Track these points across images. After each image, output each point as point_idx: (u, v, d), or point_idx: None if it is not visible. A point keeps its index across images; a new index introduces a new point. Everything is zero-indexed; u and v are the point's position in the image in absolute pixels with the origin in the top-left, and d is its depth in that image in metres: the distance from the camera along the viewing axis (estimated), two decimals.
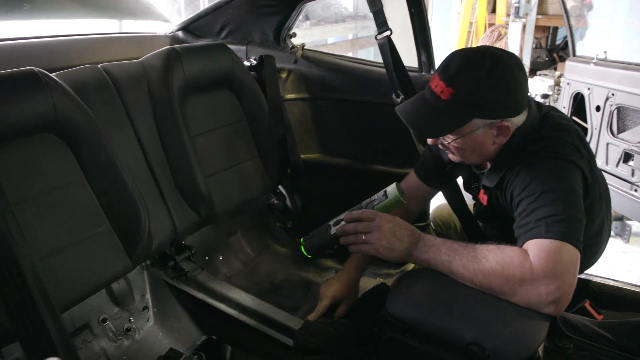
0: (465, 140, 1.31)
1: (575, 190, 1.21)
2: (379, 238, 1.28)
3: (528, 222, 1.18)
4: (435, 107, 1.29)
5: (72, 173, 1.46)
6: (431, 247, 1.27)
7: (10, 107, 1.30)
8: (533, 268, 1.11)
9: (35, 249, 1.32)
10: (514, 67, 1.24)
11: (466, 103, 1.25)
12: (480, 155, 1.38)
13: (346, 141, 2.34)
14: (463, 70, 1.25)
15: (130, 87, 1.70)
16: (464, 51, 1.31)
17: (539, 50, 6.51)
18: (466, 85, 1.24)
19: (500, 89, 1.24)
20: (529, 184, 1.23)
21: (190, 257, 1.85)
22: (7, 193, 1.29)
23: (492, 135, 1.31)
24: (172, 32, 2.51)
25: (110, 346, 1.63)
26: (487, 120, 1.27)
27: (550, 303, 1.10)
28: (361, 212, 1.34)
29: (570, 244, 1.12)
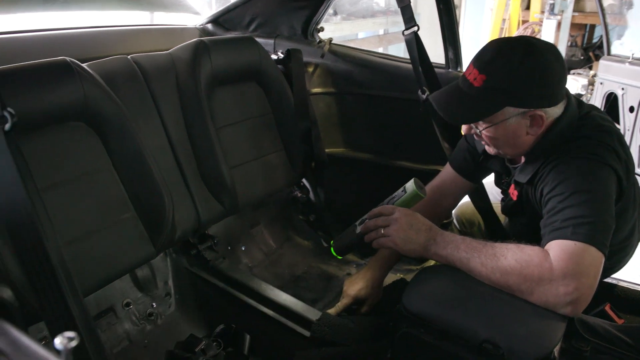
0: (498, 129, 1.30)
1: (608, 194, 1.19)
2: (396, 230, 1.30)
3: (555, 220, 1.17)
4: (468, 94, 1.29)
5: (100, 160, 1.50)
6: (450, 244, 1.27)
7: (43, 95, 1.34)
8: (552, 268, 1.10)
9: (63, 233, 1.36)
10: (549, 56, 1.22)
11: (498, 90, 1.24)
12: (514, 146, 1.35)
13: (371, 136, 2.34)
14: (496, 58, 1.24)
15: (158, 78, 1.73)
16: (500, 40, 1.30)
17: (574, 49, 6.37)
18: (499, 72, 1.23)
19: (533, 76, 1.22)
20: (561, 183, 1.21)
21: (212, 247, 1.89)
22: (39, 178, 1.34)
23: (525, 125, 1.28)
24: (202, 24, 2.54)
25: (132, 329, 1.68)
26: (520, 109, 1.25)
27: (567, 304, 1.09)
28: (381, 208, 1.37)
29: (595, 247, 1.10)
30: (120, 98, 1.53)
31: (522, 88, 1.23)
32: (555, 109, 1.28)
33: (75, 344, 0.46)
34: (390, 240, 1.31)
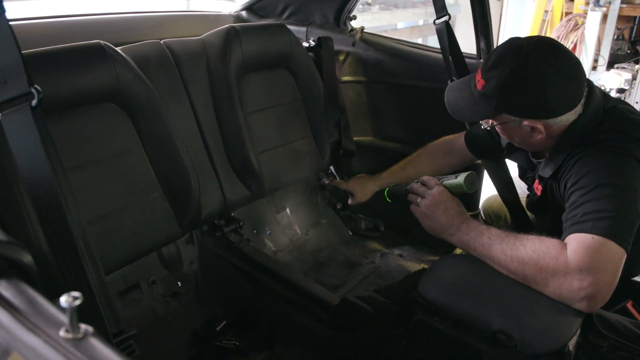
0: (504, 129, 1.33)
1: (633, 188, 1.16)
2: (426, 204, 1.37)
3: (576, 214, 1.15)
4: (471, 94, 1.32)
5: (131, 141, 1.55)
6: (474, 230, 1.28)
7: (77, 77, 1.40)
8: (568, 261, 1.08)
9: (93, 210, 1.42)
10: (547, 69, 1.18)
11: (493, 97, 1.24)
12: (526, 144, 1.36)
13: (399, 126, 2.33)
14: (495, 65, 1.24)
15: (189, 63, 1.77)
16: (507, 43, 1.28)
17: (621, 42, 6.14)
18: (493, 80, 1.23)
19: (524, 90, 1.21)
20: (584, 176, 1.19)
21: (237, 229, 1.93)
22: (72, 157, 1.40)
23: (526, 132, 1.28)
24: (236, 11, 2.57)
25: (157, 307, 1.73)
26: (515, 117, 1.26)
27: (582, 299, 1.08)
28: (428, 179, 1.43)
29: (615, 242, 1.08)
30: (152, 81, 1.57)
31: (514, 100, 1.23)
32: (563, 117, 1.24)
33: (79, 303, 0.49)
34: (419, 211, 1.40)
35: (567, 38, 5.75)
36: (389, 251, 2.25)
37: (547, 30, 6.14)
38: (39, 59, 1.32)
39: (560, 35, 5.80)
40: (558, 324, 1.09)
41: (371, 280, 1.99)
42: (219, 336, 1.68)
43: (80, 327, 0.51)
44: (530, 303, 1.13)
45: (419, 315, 1.24)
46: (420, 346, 1.29)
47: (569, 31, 5.74)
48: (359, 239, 2.34)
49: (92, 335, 0.51)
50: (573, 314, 1.10)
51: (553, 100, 1.21)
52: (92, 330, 0.51)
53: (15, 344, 0.49)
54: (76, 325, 0.50)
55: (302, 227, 2.29)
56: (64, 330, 0.50)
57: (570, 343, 1.08)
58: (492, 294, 1.18)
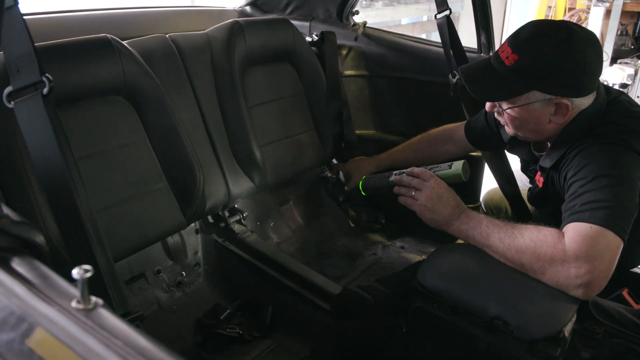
0: (522, 111, 1.30)
1: (631, 179, 1.18)
2: (425, 197, 1.35)
3: (575, 204, 1.17)
4: (497, 71, 1.29)
5: (137, 133, 1.58)
6: (473, 219, 1.30)
7: (85, 70, 1.43)
8: (565, 249, 1.10)
9: (99, 200, 1.45)
10: (587, 46, 1.21)
11: (528, 72, 1.24)
12: (535, 131, 1.35)
13: (401, 119, 2.35)
14: (532, 39, 1.24)
15: (194, 57, 1.80)
16: (540, 21, 1.29)
17: (624, 38, 6.12)
18: (531, 55, 1.23)
19: (565, 64, 1.21)
20: (584, 167, 1.21)
21: (241, 221, 1.96)
22: (79, 147, 1.43)
23: (549, 113, 1.28)
24: (240, 7, 2.60)
25: (162, 295, 1.77)
26: (547, 95, 1.25)
27: (578, 286, 1.10)
28: (421, 171, 1.42)
29: (612, 231, 1.10)
30: (157, 74, 1.60)
31: (552, 74, 1.22)
32: (584, 100, 1.27)
33: (90, 275, 0.52)
34: (417, 204, 1.37)
35: None
36: (390, 243, 2.28)
37: None
38: (48, 51, 1.35)
39: None
40: (554, 310, 1.11)
41: (373, 271, 2.02)
42: (223, 325, 1.71)
43: (91, 299, 0.54)
44: (526, 290, 1.15)
45: (418, 303, 1.27)
46: (420, 333, 1.31)
47: None
48: (361, 231, 2.37)
49: (102, 306, 0.54)
50: (569, 301, 1.12)
51: (588, 78, 1.23)
52: (102, 302, 0.54)
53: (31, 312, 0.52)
54: (87, 297, 0.54)
55: (304, 218, 2.32)
56: (75, 302, 0.54)
57: (566, 329, 1.10)
58: (489, 281, 1.20)
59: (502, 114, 1.37)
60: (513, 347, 1.12)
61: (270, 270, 1.79)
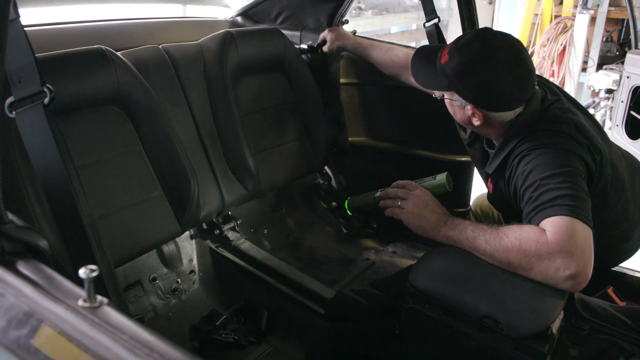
0: (449, 103, 1.44)
1: (575, 172, 1.24)
2: (412, 205, 1.40)
3: (536, 206, 1.22)
4: (435, 64, 1.41)
5: (132, 142, 1.60)
6: (459, 225, 1.33)
7: (80, 80, 1.45)
8: (549, 242, 1.14)
9: (96, 209, 1.47)
10: (505, 68, 1.28)
11: (451, 75, 1.35)
12: (462, 122, 1.46)
13: (392, 126, 2.39)
14: (462, 47, 1.34)
15: (187, 67, 1.83)
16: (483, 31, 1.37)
17: (610, 44, 6.22)
18: (453, 60, 1.33)
19: (477, 80, 1.32)
20: (529, 174, 1.27)
21: (235, 227, 1.98)
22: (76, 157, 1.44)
23: (468, 114, 1.39)
24: (231, 17, 2.63)
25: (158, 303, 1.79)
26: (462, 99, 1.36)
27: (567, 278, 1.12)
28: (407, 182, 1.48)
29: (580, 220, 1.15)
30: (151, 84, 1.62)
31: (465, 84, 1.34)
32: (500, 114, 1.36)
33: (96, 275, 0.54)
34: (404, 213, 1.42)
35: (557, 40, 5.84)
36: (383, 248, 2.30)
37: (537, 33, 6.23)
38: (45, 62, 1.37)
39: (550, 37, 5.88)
40: (541, 307, 1.14)
41: (366, 276, 2.04)
42: (219, 330, 1.73)
43: (97, 297, 0.57)
44: (514, 288, 1.19)
45: (410, 304, 1.30)
46: (413, 334, 1.34)
47: (558, 34, 5.83)
48: (354, 237, 2.40)
49: (107, 304, 0.57)
50: (555, 298, 1.15)
51: (498, 97, 1.33)
52: (107, 300, 0.57)
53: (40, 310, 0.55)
54: (93, 295, 0.56)
55: (297, 225, 2.35)
56: (82, 300, 0.56)
57: (554, 326, 1.13)
58: (478, 281, 1.23)
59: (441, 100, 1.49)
60: (503, 344, 1.15)
61: (265, 276, 1.81)
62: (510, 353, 1.14)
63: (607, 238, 1.24)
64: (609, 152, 1.39)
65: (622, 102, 3.04)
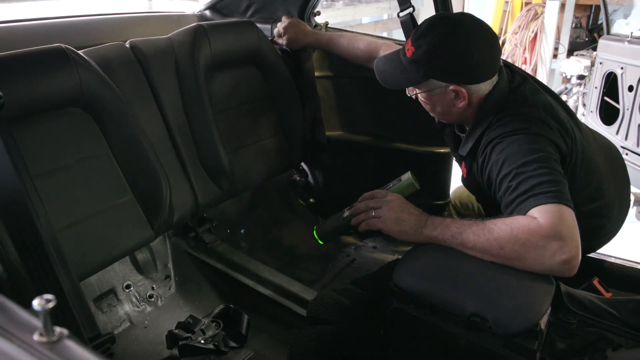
0: (427, 96, 1.42)
1: (549, 156, 1.23)
2: (388, 211, 1.35)
3: (516, 197, 1.20)
4: (401, 63, 1.40)
5: (98, 145, 1.53)
6: (440, 224, 1.29)
7: (38, 82, 1.37)
8: (542, 227, 1.12)
9: (63, 217, 1.40)
10: (473, 36, 1.31)
11: (422, 63, 1.34)
12: (447, 114, 1.45)
13: (368, 119, 2.35)
14: (425, 32, 1.34)
15: (156, 63, 1.75)
16: (435, 15, 1.42)
17: (579, 30, 6.29)
18: (424, 47, 1.33)
19: (453, 55, 1.31)
20: (504, 163, 1.26)
21: (211, 229, 1.92)
22: (37, 164, 1.37)
23: (450, 98, 1.38)
24: (199, 11, 2.55)
25: (133, 311, 1.72)
26: (442, 83, 1.35)
27: (562, 262, 1.11)
28: (374, 192, 1.43)
29: (564, 205, 1.14)
30: (117, 84, 1.55)
31: (442, 64, 1.33)
32: (481, 86, 1.35)
33: (52, 306, 0.48)
34: (382, 221, 1.36)
35: (528, 27, 5.88)
36: (362, 243, 2.27)
37: (508, 20, 6.26)
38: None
39: (521, 24, 5.92)
40: (529, 303, 1.12)
41: (347, 273, 2.01)
42: (197, 337, 1.67)
43: (55, 330, 0.51)
44: (501, 285, 1.16)
45: (395, 304, 1.26)
46: (398, 334, 1.31)
47: (529, 21, 5.87)
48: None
49: (68, 337, 0.51)
50: (543, 293, 1.13)
51: (477, 66, 1.33)
52: (67, 332, 0.51)
53: None
54: (50, 329, 0.50)
55: (275, 224, 2.30)
56: (37, 334, 0.50)
57: (542, 322, 1.11)
58: (464, 279, 1.20)
59: (417, 97, 1.46)
60: (491, 342, 1.12)
61: (244, 278, 1.76)
62: (499, 351, 1.12)
63: (583, 218, 1.22)
64: (579, 133, 1.39)
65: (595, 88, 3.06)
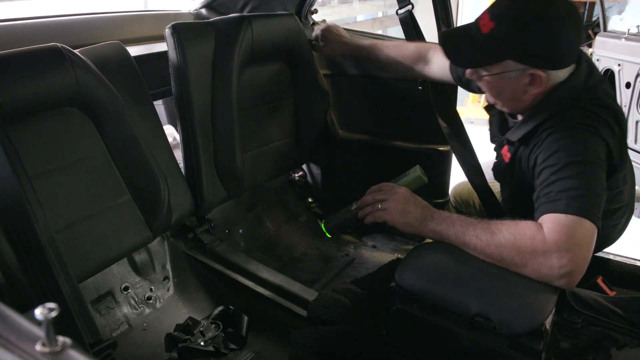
0: (498, 79, 1.31)
1: (599, 165, 1.19)
2: (395, 203, 1.33)
3: (548, 192, 1.17)
4: (475, 38, 1.28)
5: (95, 146, 1.50)
6: (446, 219, 1.28)
7: (34, 82, 1.34)
8: (546, 240, 1.10)
9: (60, 218, 1.37)
10: (564, 18, 1.20)
11: (503, 41, 1.24)
12: (512, 100, 1.36)
13: (367, 117, 2.34)
14: (509, 8, 1.24)
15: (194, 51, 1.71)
16: None
17: None
18: (507, 23, 1.23)
19: (540, 35, 1.21)
20: (554, 153, 1.21)
21: (209, 230, 1.90)
22: (34, 165, 1.35)
23: (523, 83, 1.28)
24: (195, 9, 2.53)
25: (131, 313, 1.70)
26: (521, 65, 1.25)
27: (562, 276, 1.09)
28: (381, 185, 1.40)
29: (588, 219, 1.10)
30: (113, 83, 1.52)
31: (528, 45, 1.22)
32: (559, 73, 1.27)
33: (55, 315, 0.46)
34: (388, 213, 1.34)
35: None
36: (361, 242, 2.26)
37: None
38: None
39: None
40: (534, 303, 1.11)
41: (347, 273, 1.99)
42: (197, 339, 1.65)
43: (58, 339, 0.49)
44: (506, 285, 1.15)
45: (398, 305, 1.25)
46: (400, 335, 1.29)
47: None
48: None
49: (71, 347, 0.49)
50: (548, 293, 1.12)
51: (564, 50, 1.23)
52: (71, 342, 0.49)
53: None
54: (53, 338, 0.48)
55: (274, 223, 2.28)
56: (40, 344, 0.48)
57: (547, 322, 1.10)
58: (468, 279, 1.19)
59: (480, 80, 1.36)
60: (496, 343, 1.11)
61: (243, 279, 1.74)
62: (503, 352, 1.10)
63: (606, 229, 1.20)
64: None
65: None
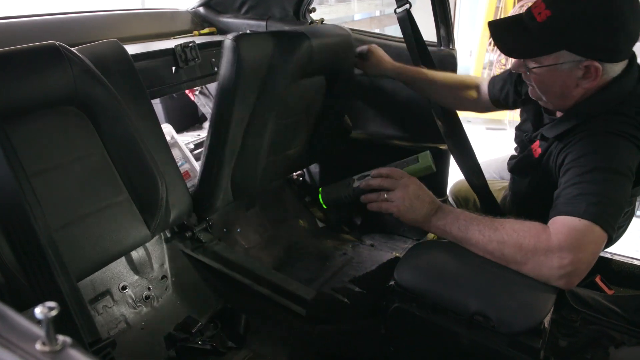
0: (549, 72, 1.24)
1: (628, 176, 1.17)
2: (402, 196, 1.29)
3: (569, 193, 1.15)
4: (528, 27, 1.23)
5: (93, 144, 1.49)
6: (450, 214, 1.27)
7: (32, 80, 1.33)
8: (550, 239, 1.10)
9: (57, 217, 1.37)
10: (626, 9, 1.14)
11: (560, 30, 1.18)
12: (559, 95, 1.29)
13: (364, 116, 2.34)
14: None
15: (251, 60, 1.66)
16: None
17: None
18: (565, 12, 1.17)
19: (600, 25, 1.14)
20: (585, 155, 1.18)
21: (207, 229, 1.90)
22: (31, 163, 1.34)
23: (576, 76, 1.22)
24: (193, 8, 2.53)
25: (129, 312, 1.69)
26: (576, 56, 1.19)
27: (561, 277, 1.09)
28: (390, 170, 1.35)
29: (601, 227, 1.09)
30: (111, 82, 1.52)
31: (586, 34, 1.16)
32: (615, 67, 1.22)
33: (55, 314, 0.46)
34: (394, 205, 1.30)
35: None
36: (359, 241, 2.26)
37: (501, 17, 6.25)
38: None
39: None
40: (533, 302, 1.11)
41: (345, 272, 1.99)
42: (195, 338, 1.65)
43: (58, 338, 0.49)
44: (505, 283, 1.15)
45: (397, 303, 1.25)
46: (399, 333, 1.30)
47: None
48: (330, 231, 2.34)
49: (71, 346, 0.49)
50: (547, 292, 1.12)
51: (623, 42, 1.17)
52: (71, 341, 0.49)
53: None
54: (53, 337, 0.48)
55: (272, 222, 2.27)
56: (40, 343, 0.48)
57: (546, 320, 1.10)
58: (467, 277, 1.19)
59: (528, 73, 1.30)
60: (495, 341, 1.12)
61: (241, 278, 1.74)
62: (502, 350, 1.11)
63: None
64: None
65: None
